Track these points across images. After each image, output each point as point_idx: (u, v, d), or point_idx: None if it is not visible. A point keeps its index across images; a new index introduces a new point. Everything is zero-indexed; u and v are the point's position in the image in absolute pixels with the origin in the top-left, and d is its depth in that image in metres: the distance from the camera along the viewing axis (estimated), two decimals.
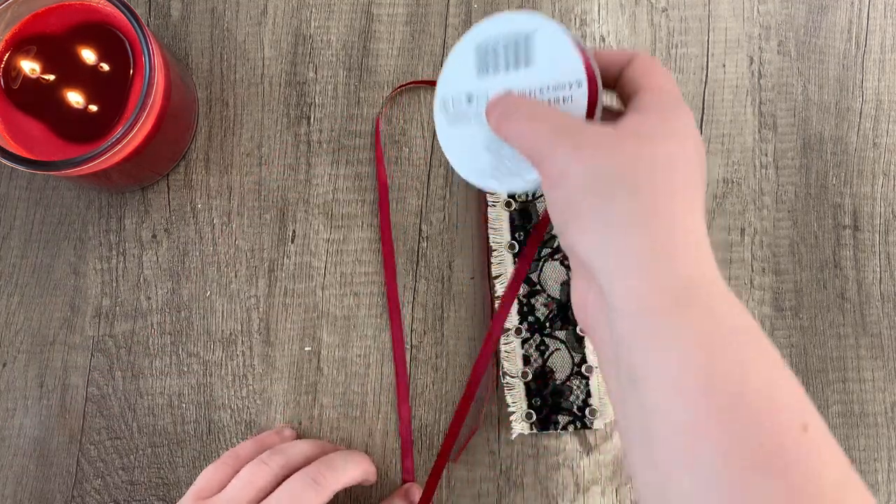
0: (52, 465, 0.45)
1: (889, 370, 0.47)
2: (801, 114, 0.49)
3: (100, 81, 0.42)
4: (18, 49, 0.42)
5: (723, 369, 0.26)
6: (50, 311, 0.47)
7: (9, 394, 0.46)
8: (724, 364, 0.26)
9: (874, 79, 0.49)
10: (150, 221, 0.47)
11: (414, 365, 0.46)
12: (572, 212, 0.30)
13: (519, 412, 0.45)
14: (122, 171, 0.43)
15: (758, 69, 0.49)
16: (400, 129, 0.48)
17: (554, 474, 0.46)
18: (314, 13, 0.49)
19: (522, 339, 0.46)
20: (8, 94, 0.42)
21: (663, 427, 0.27)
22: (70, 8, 0.42)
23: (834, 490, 0.25)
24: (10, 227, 0.47)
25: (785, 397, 0.27)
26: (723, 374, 0.26)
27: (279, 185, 0.48)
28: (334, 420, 0.46)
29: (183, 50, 0.49)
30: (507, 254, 0.47)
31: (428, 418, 0.46)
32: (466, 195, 0.48)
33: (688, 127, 0.32)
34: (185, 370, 0.46)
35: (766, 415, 0.26)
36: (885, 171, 0.49)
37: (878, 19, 0.50)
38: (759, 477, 0.25)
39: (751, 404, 0.26)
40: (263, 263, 0.47)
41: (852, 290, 0.48)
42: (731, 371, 0.26)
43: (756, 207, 0.48)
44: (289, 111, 0.48)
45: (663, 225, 0.29)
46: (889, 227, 0.48)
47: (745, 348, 0.27)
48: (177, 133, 0.46)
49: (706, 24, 0.49)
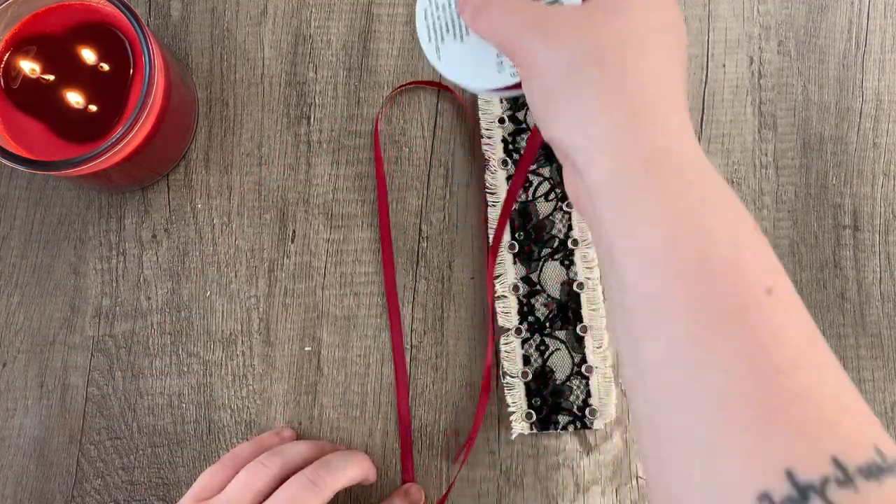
0: (52, 465, 0.45)
1: (889, 370, 0.47)
2: (801, 114, 0.49)
3: (100, 81, 0.42)
4: (18, 49, 0.42)
5: (687, 235, 0.26)
6: (50, 311, 0.47)
7: (9, 394, 0.46)
8: (688, 230, 0.26)
9: (874, 79, 0.49)
10: (150, 221, 0.47)
11: (414, 365, 0.46)
12: (548, 100, 0.30)
13: (519, 412, 0.45)
14: (122, 171, 0.43)
15: (758, 69, 0.49)
16: (400, 129, 0.48)
17: (554, 474, 0.46)
18: (314, 13, 0.49)
19: (522, 339, 0.46)
20: (8, 94, 0.42)
21: (634, 299, 0.27)
22: (70, 8, 0.42)
23: (797, 348, 0.25)
24: (10, 227, 0.47)
25: (750, 261, 0.26)
26: (687, 239, 0.26)
27: (279, 185, 0.48)
28: (334, 420, 0.46)
29: (183, 50, 0.49)
30: (507, 254, 0.47)
31: (428, 418, 0.46)
32: (466, 195, 0.48)
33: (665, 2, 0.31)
34: (185, 370, 0.46)
35: (730, 278, 0.26)
36: (885, 171, 0.49)
37: (878, 19, 0.50)
38: (721, 339, 0.25)
39: (714, 269, 0.26)
40: (263, 263, 0.47)
41: (852, 290, 0.48)
42: (696, 236, 0.26)
43: (756, 207, 0.48)
44: (289, 111, 0.48)
45: (633, 98, 0.28)
46: (889, 227, 0.48)
47: (711, 213, 0.27)
48: (177, 133, 0.46)
49: (706, 24, 0.49)
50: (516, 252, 0.47)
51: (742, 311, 0.25)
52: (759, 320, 0.25)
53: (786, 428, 0.24)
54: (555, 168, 0.47)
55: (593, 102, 0.29)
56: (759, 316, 0.25)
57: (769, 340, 0.25)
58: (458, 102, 0.48)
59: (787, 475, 0.23)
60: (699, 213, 0.27)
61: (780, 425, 0.24)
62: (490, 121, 0.48)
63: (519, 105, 0.48)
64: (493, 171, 0.47)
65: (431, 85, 0.48)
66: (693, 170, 0.28)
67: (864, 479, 0.23)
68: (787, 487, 0.23)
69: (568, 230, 0.47)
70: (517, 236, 0.47)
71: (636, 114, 0.28)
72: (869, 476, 0.23)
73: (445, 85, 0.48)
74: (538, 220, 0.47)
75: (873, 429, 0.24)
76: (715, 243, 0.26)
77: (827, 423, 0.24)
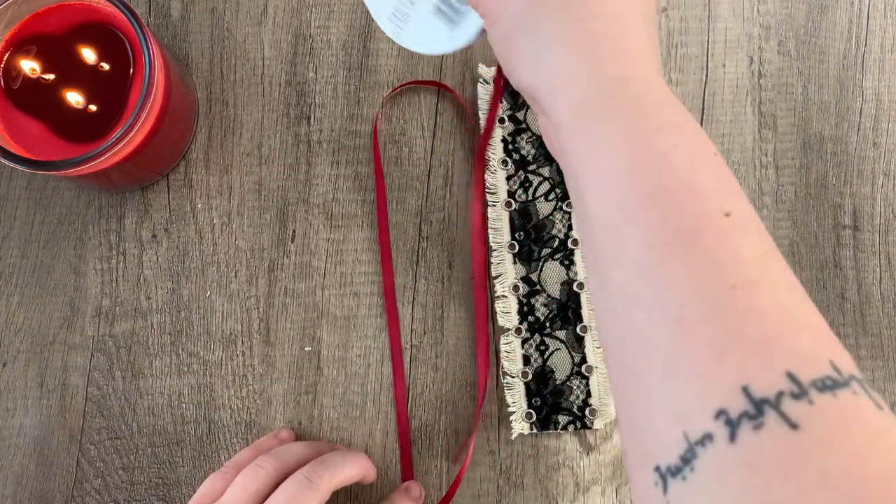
0: (52, 465, 0.45)
1: (889, 370, 0.47)
2: (801, 114, 0.49)
3: (100, 81, 0.42)
4: (18, 49, 0.42)
5: (644, 161, 0.27)
6: (50, 311, 0.47)
7: (9, 394, 0.46)
8: (646, 156, 0.27)
9: (874, 79, 0.49)
10: (150, 221, 0.47)
11: (414, 365, 0.46)
12: (509, 44, 0.30)
13: (519, 412, 0.45)
14: (122, 171, 0.43)
15: (758, 69, 0.49)
16: (400, 129, 0.48)
17: (554, 474, 0.46)
18: (314, 13, 0.49)
19: (522, 339, 0.46)
20: (8, 94, 0.42)
21: (598, 229, 0.28)
22: (70, 8, 0.42)
23: (753, 267, 0.25)
24: (10, 227, 0.47)
25: (708, 186, 0.26)
26: (644, 165, 0.27)
27: (279, 185, 0.48)
28: (334, 420, 0.46)
29: (183, 50, 0.49)
30: (507, 254, 0.47)
31: (428, 418, 0.46)
32: (466, 195, 0.48)
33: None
34: (185, 370, 0.46)
35: (686, 202, 0.26)
36: (885, 171, 0.49)
37: (878, 19, 0.50)
38: (678, 261, 0.25)
39: (671, 193, 0.26)
40: (263, 263, 0.47)
41: (852, 290, 0.48)
42: (653, 162, 0.27)
43: (756, 207, 0.48)
44: (289, 111, 0.48)
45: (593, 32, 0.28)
46: (889, 227, 0.48)
47: (668, 139, 0.27)
48: (177, 133, 0.46)
49: (706, 24, 0.49)
50: (516, 252, 0.47)
51: (698, 232, 0.26)
52: (715, 241, 0.25)
53: (741, 345, 0.24)
54: (554, 168, 0.47)
55: (553, 40, 0.29)
56: (716, 237, 0.26)
57: (725, 259, 0.25)
58: (458, 102, 0.48)
59: (742, 391, 0.23)
60: (657, 139, 0.27)
61: (735, 343, 0.24)
62: (490, 121, 0.48)
63: (519, 105, 0.48)
64: (493, 171, 0.47)
65: (432, 85, 0.48)
66: (652, 98, 0.28)
67: (819, 392, 0.23)
68: (743, 403, 0.23)
69: (568, 230, 0.47)
70: (517, 236, 0.47)
71: (595, 47, 0.28)
72: (824, 389, 0.23)
73: (445, 84, 0.48)
74: (538, 220, 0.47)
75: (830, 345, 0.24)
76: (672, 168, 0.26)
77: (782, 339, 0.24)
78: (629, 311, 0.26)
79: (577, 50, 0.28)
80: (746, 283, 0.25)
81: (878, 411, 0.23)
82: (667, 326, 0.25)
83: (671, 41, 0.49)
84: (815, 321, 0.25)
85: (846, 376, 0.23)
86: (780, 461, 0.22)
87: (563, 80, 0.29)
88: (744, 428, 0.23)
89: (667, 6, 0.49)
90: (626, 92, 0.28)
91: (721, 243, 0.25)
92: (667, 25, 0.49)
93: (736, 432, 0.23)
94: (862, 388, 0.23)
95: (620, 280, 0.27)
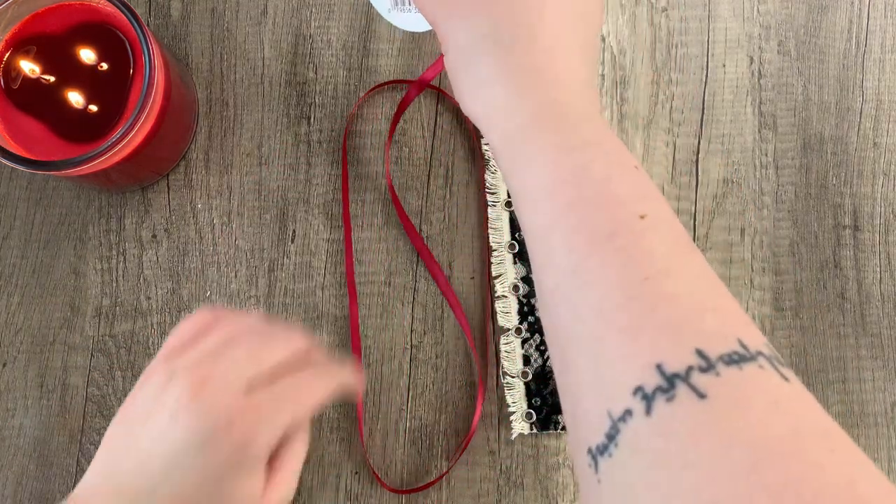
0: (52, 465, 0.45)
1: (889, 370, 0.47)
2: (801, 114, 0.49)
3: (100, 81, 0.42)
4: (18, 49, 0.42)
5: (566, 175, 0.29)
6: (50, 311, 0.47)
7: (9, 394, 0.46)
8: (567, 170, 0.29)
9: (874, 79, 0.49)
10: (150, 221, 0.47)
11: (414, 365, 0.46)
12: (455, 77, 0.33)
13: (519, 412, 0.45)
14: (122, 171, 0.43)
15: (758, 69, 0.49)
16: (400, 129, 0.48)
17: (554, 474, 0.46)
18: (314, 13, 0.49)
19: (522, 339, 0.46)
20: (8, 94, 0.42)
21: (530, 239, 0.30)
22: (70, 8, 0.42)
23: (665, 260, 0.27)
24: (10, 227, 0.47)
25: (624, 192, 0.29)
26: (563, 180, 0.29)
27: (279, 185, 0.48)
28: (334, 420, 0.46)
29: (183, 50, 0.49)
30: (507, 254, 0.47)
31: (428, 418, 0.46)
32: (466, 195, 0.48)
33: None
34: None
35: (603, 208, 0.29)
36: (885, 171, 0.49)
37: (878, 19, 0.50)
38: (597, 259, 0.28)
39: (589, 201, 0.29)
40: (263, 263, 0.47)
41: (852, 290, 0.48)
42: (571, 177, 0.29)
43: (756, 207, 0.48)
44: (289, 111, 0.48)
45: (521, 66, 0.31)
46: (889, 227, 0.48)
47: (586, 155, 0.30)
48: (177, 133, 0.46)
49: (706, 24, 0.49)
50: (516, 252, 0.47)
51: (614, 234, 0.28)
52: (630, 240, 0.28)
53: (654, 328, 0.26)
54: None
55: (488, 76, 0.31)
56: (631, 236, 0.28)
57: (638, 255, 0.27)
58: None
59: (656, 368, 0.25)
60: (575, 155, 0.30)
61: (649, 327, 0.26)
62: None
63: None
64: (493, 170, 0.47)
65: (430, 88, 0.48)
66: (573, 119, 0.31)
67: (726, 365, 0.25)
68: (657, 379, 0.25)
69: None
70: (517, 236, 0.47)
71: (523, 79, 0.31)
72: (730, 363, 0.25)
73: (436, 87, 0.48)
74: None
75: (739, 324, 0.26)
76: (589, 180, 0.29)
77: (690, 321, 0.26)
78: (558, 310, 0.29)
79: (507, 83, 0.31)
80: (658, 274, 0.27)
81: (784, 382, 0.25)
82: (589, 319, 0.27)
83: (671, 41, 0.49)
84: (726, 303, 0.27)
85: (753, 352, 0.25)
86: (689, 428, 0.24)
87: (495, 110, 0.31)
88: (658, 401, 0.25)
89: (667, 6, 0.49)
90: (550, 116, 0.31)
91: (635, 241, 0.28)
92: (667, 25, 0.49)
93: (651, 405, 0.25)
94: (769, 363, 0.25)
95: (550, 283, 0.29)
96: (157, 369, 0.35)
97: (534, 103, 0.31)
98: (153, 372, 0.35)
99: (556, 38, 0.32)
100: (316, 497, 0.45)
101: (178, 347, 0.35)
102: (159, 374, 0.34)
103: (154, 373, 0.35)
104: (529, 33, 0.31)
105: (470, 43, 0.32)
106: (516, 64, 0.31)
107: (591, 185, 0.29)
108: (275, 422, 0.34)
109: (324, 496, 0.45)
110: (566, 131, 0.30)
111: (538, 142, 0.30)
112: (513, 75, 0.31)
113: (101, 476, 0.34)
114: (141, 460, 0.33)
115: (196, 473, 0.33)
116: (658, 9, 0.49)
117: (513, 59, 0.31)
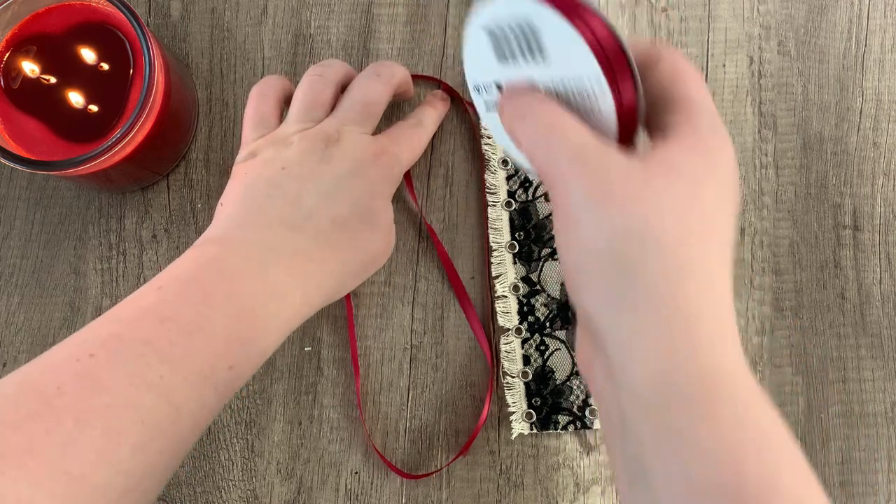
0: None
1: (889, 370, 0.47)
2: (801, 114, 0.49)
3: (100, 81, 0.42)
4: (18, 49, 0.42)
5: (746, 489, 0.23)
6: (50, 311, 0.47)
7: None
8: (748, 484, 0.23)
9: (874, 79, 0.49)
10: (150, 221, 0.47)
11: (414, 365, 0.46)
12: (584, 270, 0.26)
13: (519, 412, 0.46)
14: (122, 171, 0.43)
15: (758, 69, 0.49)
16: None
17: (554, 474, 0.46)
18: (314, 13, 0.49)
19: (522, 339, 0.46)
20: (8, 94, 0.42)
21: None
22: (70, 8, 0.42)
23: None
24: (10, 227, 0.47)
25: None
26: (752, 487, 0.23)
27: None
28: (334, 420, 0.46)
29: (183, 50, 0.49)
30: (507, 254, 0.47)
31: (428, 418, 0.46)
32: (466, 195, 0.48)
33: (729, 161, 0.27)
34: None
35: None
36: (885, 171, 0.49)
37: (878, 19, 0.50)
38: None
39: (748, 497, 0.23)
40: None
41: (852, 290, 0.48)
42: (761, 484, 0.23)
43: (756, 207, 0.48)
44: None
45: (688, 300, 0.25)
46: (889, 227, 0.48)
47: (773, 458, 0.24)
48: (177, 133, 0.46)
49: (706, 24, 0.49)
50: (516, 252, 0.47)
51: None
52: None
53: None
54: None
55: (642, 296, 0.25)
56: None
57: None
58: (458, 102, 0.48)
59: None
60: (761, 456, 0.24)
61: None
62: None
63: None
64: (493, 170, 0.47)
65: (430, 80, 0.48)
66: (746, 399, 0.25)
67: None
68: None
69: None
70: (517, 236, 0.47)
71: (687, 320, 0.25)
72: None
73: (438, 78, 0.48)
74: (538, 220, 0.47)
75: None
76: (778, 496, 0.23)
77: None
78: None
79: (667, 317, 0.25)
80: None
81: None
82: None
83: (671, 41, 0.49)
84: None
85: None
86: None
87: (645, 345, 0.25)
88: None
89: (667, 6, 0.49)
90: (720, 387, 0.25)
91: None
92: (667, 25, 0.49)
93: None
94: None
95: None
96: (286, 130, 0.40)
97: (701, 358, 0.25)
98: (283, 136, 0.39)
99: (719, 258, 0.26)
100: (316, 497, 0.45)
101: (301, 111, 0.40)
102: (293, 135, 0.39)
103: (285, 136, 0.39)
104: (698, 248, 0.26)
105: (610, 237, 0.26)
106: (679, 292, 0.25)
107: (751, 479, 0.23)
108: (413, 146, 0.42)
109: (324, 496, 0.45)
110: (741, 415, 0.25)
111: (706, 421, 0.24)
112: (674, 307, 0.25)
113: (236, 220, 0.37)
114: (289, 200, 0.36)
115: (351, 194, 0.38)
116: (658, 9, 0.49)
117: (673, 282, 0.25)
